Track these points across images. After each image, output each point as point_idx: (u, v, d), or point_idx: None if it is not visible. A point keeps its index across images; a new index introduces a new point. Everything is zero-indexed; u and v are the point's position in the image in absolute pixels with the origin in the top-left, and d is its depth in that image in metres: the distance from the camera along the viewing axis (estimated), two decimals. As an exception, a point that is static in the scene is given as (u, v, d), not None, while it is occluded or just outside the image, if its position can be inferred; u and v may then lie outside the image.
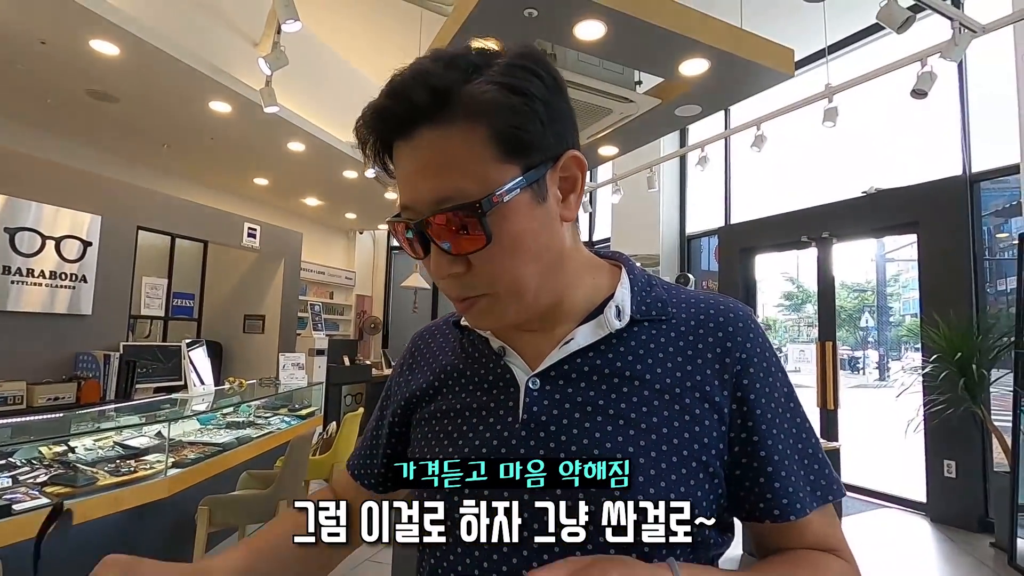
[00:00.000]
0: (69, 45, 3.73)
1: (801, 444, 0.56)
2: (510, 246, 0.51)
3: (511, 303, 0.54)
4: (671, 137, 6.47)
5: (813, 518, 0.55)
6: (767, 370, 0.57)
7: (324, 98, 5.66)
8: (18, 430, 2.84)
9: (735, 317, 0.58)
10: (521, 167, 0.50)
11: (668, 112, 3.65)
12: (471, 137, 0.49)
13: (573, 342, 0.57)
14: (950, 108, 4.49)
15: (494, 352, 0.60)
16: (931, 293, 4.36)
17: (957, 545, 3.76)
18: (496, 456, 0.55)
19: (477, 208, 0.49)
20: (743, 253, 5.98)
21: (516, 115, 0.49)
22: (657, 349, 0.56)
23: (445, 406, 0.61)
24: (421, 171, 0.50)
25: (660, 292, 0.61)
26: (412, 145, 0.50)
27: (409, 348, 0.71)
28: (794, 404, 0.58)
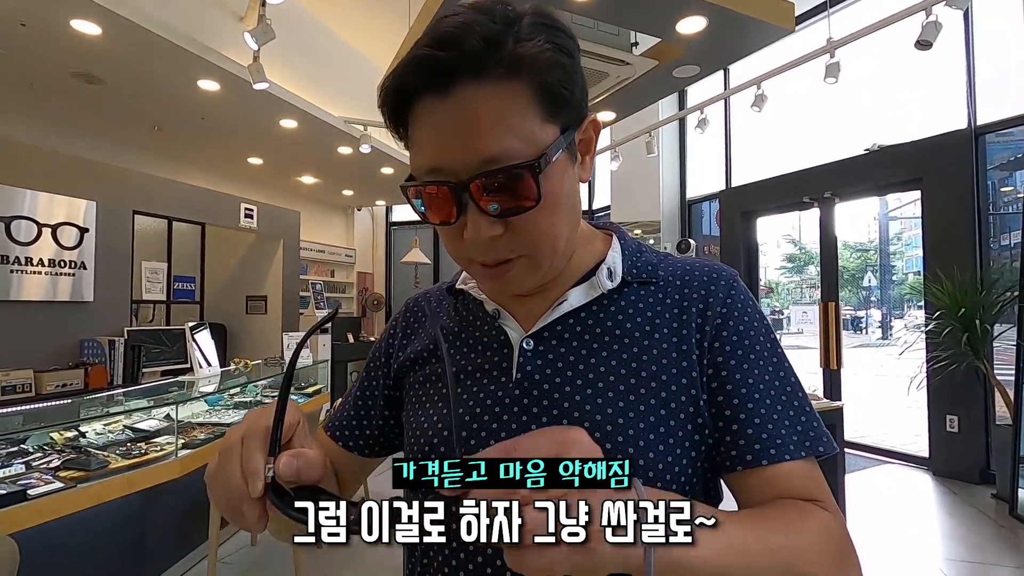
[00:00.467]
0: (50, 26, 3.64)
1: (785, 396, 0.55)
2: (552, 205, 0.51)
3: (546, 262, 0.54)
4: (669, 100, 6.35)
5: (793, 468, 0.52)
6: (747, 323, 0.57)
7: (314, 73, 5.55)
8: (29, 417, 2.87)
9: (718, 276, 0.59)
10: (560, 127, 0.50)
11: (666, 74, 3.57)
12: (518, 94, 0.48)
13: (566, 303, 0.58)
14: (955, 59, 4.38)
15: (488, 315, 0.61)
16: (935, 250, 4.33)
17: (959, 497, 3.83)
18: (490, 416, 0.56)
19: (535, 167, 0.48)
20: (744, 216, 5.93)
21: (565, 73, 0.49)
22: (646, 309, 0.58)
23: (440, 369, 0.61)
24: (464, 129, 0.47)
25: (650, 257, 0.62)
26: (451, 101, 0.47)
27: (402, 312, 0.71)
28: (777, 358, 0.57)
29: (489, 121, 0.47)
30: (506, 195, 0.48)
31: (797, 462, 0.52)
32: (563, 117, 0.50)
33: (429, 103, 0.48)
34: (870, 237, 18.75)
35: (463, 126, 0.47)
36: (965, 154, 4.20)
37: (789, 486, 0.51)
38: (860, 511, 3.52)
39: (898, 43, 3.94)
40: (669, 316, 0.57)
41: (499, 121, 0.47)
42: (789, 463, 0.52)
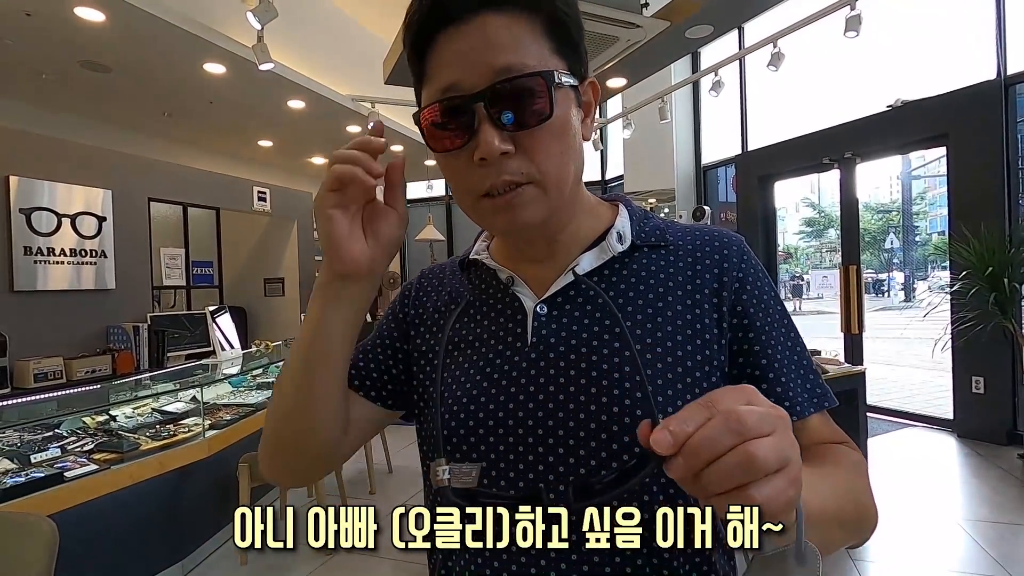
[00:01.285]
0: (54, 14, 3.63)
1: (796, 356, 0.59)
2: (561, 129, 0.53)
3: (553, 192, 0.55)
4: (682, 63, 6.16)
5: (815, 420, 0.58)
6: (761, 288, 0.60)
7: (320, 52, 5.48)
8: (62, 403, 2.97)
9: (729, 242, 0.61)
10: (567, 64, 0.54)
11: (678, 35, 3.45)
12: (533, 24, 0.52)
13: (578, 267, 0.59)
14: (984, 4, 4.17)
15: (501, 283, 0.62)
16: (961, 208, 4.20)
17: (985, 459, 3.78)
18: (508, 380, 0.57)
19: (550, 76, 0.51)
20: (762, 181, 5.79)
21: (569, 8, 0.54)
22: (658, 271, 0.59)
23: (456, 337, 0.62)
24: (481, 47, 0.51)
25: (657, 222, 0.64)
26: (472, 26, 0.51)
27: (417, 279, 0.72)
28: (788, 320, 0.61)
29: (505, 41, 0.51)
30: (521, 105, 0.51)
31: (816, 415, 0.58)
32: (569, 57, 0.54)
33: (450, 33, 0.52)
34: (892, 197, 18.28)
35: (481, 45, 0.51)
36: (994, 106, 4.03)
37: (818, 435, 0.58)
38: (884, 474, 3.51)
39: (923, -9, 3.76)
40: (682, 279, 0.59)
41: (516, 41, 0.51)
42: (810, 417, 0.57)
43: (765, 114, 6.05)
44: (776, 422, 0.35)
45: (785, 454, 0.34)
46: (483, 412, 0.56)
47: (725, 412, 0.33)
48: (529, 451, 0.55)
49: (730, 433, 0.33)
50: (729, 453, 0.33)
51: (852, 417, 2.97)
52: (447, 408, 0.59)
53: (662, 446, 0.34)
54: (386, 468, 4.03)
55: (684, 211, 6.53)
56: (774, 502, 0.34)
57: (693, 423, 0.34)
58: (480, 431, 0.56)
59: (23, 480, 2.04)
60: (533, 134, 0.52)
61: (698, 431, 0.33)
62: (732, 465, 0.33)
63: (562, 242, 0.61)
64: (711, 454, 0.33)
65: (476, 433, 0.56)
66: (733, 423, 0.33)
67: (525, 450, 0.55)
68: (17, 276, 3.55)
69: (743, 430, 0.33)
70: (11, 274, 3.53)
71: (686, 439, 0.33)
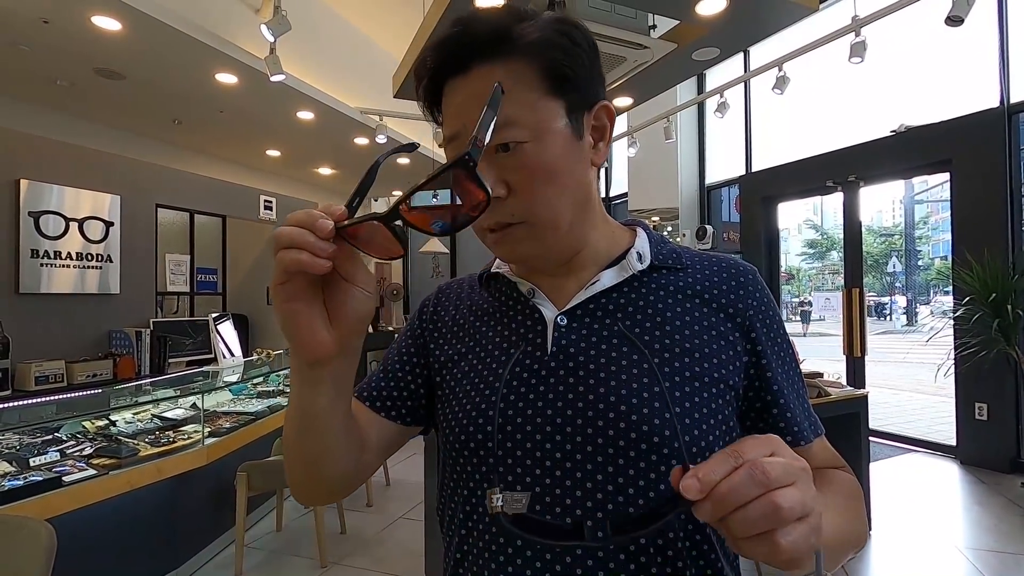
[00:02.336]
0: (71, 22, 3.69)
1: (797, 386, 0.63)
2: (549, 173, 0.55)
3: (546, 232, 0.58)
4: (688, 84, 6.24)
5: (816, 446, 0.62)
6: (773, 319, 0.63)
7: (330, 64, 5.55)
8: (62, 406, 2.96)
9: (744, 270, 0.64)
10: (564, 104, 0.56)
11: (685, 57, 3.49)
12: (523, 71, 0.55)
13: (599, 283, 0.61)
14: (987, 34, 4.22)
15: (522, 295, 0.64)
16: (964, 233, 4.21)
17: (988, 486, 3.75)
18: (526, 387, 0.58)
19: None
20: (765, 201, 5.82)
21: (564, 53, 0.56)
22: (676, 291, 0.62)
23: (477, 347, 0.64)
24: (473, 98, 0.54)
25: (673, 247, 0.67)
26: (467, 80, 0.56)
27: (435, 294, 0.73)
28: (792, 351, 0.65)
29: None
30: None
31: (816, 440, 0.63)
32: (567, 94, 0.56)
33: (452, 84, 0.57)
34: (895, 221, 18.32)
35: (473, 95, 0.55)
36: (997, 134, 4.06)
37: (820, 460, 0.62)
38: (886, 500, 3.47)
39: (927, 19, 3.81)
40: (699, 301, 0.61)
41: (507, 91, 0.52)
42: (813, 442, 0.62)
43: (770, 135, 6.10)
44: (799, 473, 0.38)
45: (807, 503, 0.37)
46: (502, 418, 0.57)
47: (751, 463, 0.36)
48: (546, 457, 0.56)
49: (755, 484, 0.36)
50: (755, 502, 0.36)
51: (854, 441, 2.94)
52: (465, 414, 0.60)
53: (691, 492, 0.36)
54: (384, 481, 4.01)
55: (688, 230, 6.55)
56: (798, 548, 0.36)
57: (721, 472, 0.36)
58: (499, 436, 0.57)
59: (21, 483, 2.03)
60: (520, 181, 0.55)
61: (725, 480, 0.36)
62: (758, 514, 0.36)
63: (581, 259, 0.63)
64: (737, 502, 0.36)
65: (495, 439, 0.57)
66: (759, 474, 0.36)
67: (542, 455, 0.56)
68: (22, 278, 3.56)
69: (768, 481, 0.36)
70: (17, 276, 3.54)
71: (713, 487, 0.36)
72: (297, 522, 3.37)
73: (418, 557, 2.72)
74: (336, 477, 0.60)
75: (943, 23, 3.17)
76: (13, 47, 4.01)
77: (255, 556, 2.95)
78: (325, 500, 0.66)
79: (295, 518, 3.41)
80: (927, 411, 6.24)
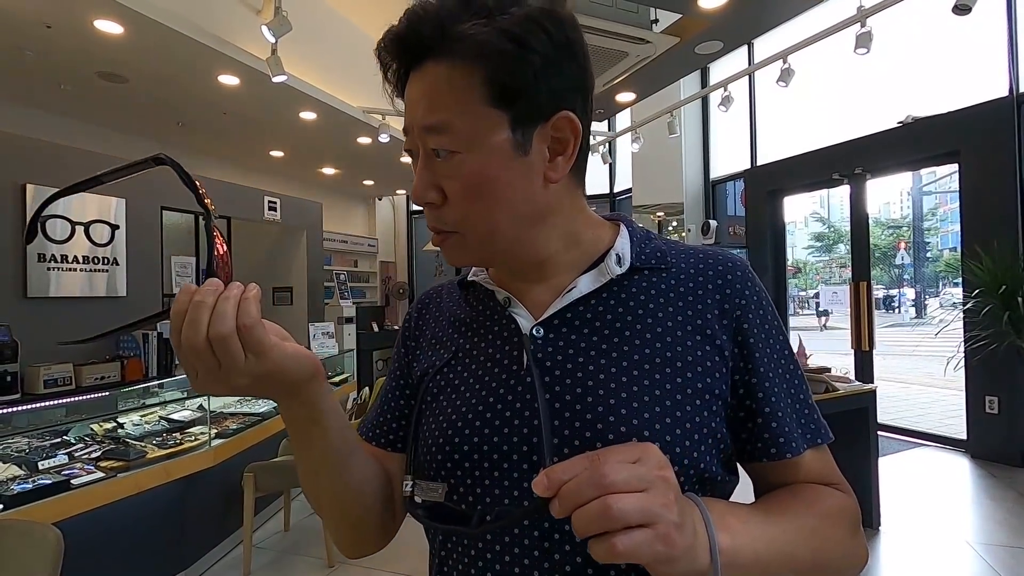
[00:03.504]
0: (74, 27, 3.70)
1: (794, 389, 0.58)
2: (481, 189, 0.53)
3: (479, 246, 0.56)
4: (691, 78, 6.18)
5: (807, 457, 0.57)
6: (764, 317, 0.59)
7: (332, 64, 5.55)
8: (71, 409, 2.98)
9: (733, 266, 0.60)
10: (508, 116, 0.52)
11: (688, 51, 3.48)
12: (467, 75, 0.51)
13: (575, 290, 0.58)
14: (996, 22, 4.16)
15: (499, 304, 0.62)
16: (973, 225, 4.16)
17: (999, 480, 3.71)
18: (503, 404, 0.56)
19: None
20: (771, 195, 5.78)
21: (506, 61, 0.50)
22: (658, 295, 0.58)
23: (453, 360, 0.62)
24: (419, 98, 0.53)
25: (659, 244, 0.62)
26: (420, 74, 0.53)
27: (415, 306, 0.72)
28: (788, 352, 0.60)
29: (437, 93, 0.52)
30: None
31: (810, 451, 0.57)
32: (512, 106, 0.52)
33: (411, 77, 0.54)
34: (903, 213, 18.17)
35: (420, 95, 0.53)
36: (1007, 124, 4.01)
37: (807, 473, 0.57)
38: (895, 495, 3.45)
39: (934, 8, 3.76)
40: (683, 303, 0.57)
41: (445, 95, 0.51)
42: (805, 454, 0.57)
43: (775, 129, 6.05)
44: (653, 481, 0.39)
45: (652, 511, 0.38)
46: (475, 435, 0.55)
47: (595, 467, 0.38)
48: (516, 474, 0.54)
49: (593, 486, 0.37)
50: (591, 503, 0.37)
51: (863, 436, 2.92)
52: (438, 427, 0.58)
53: (539, 488, 0.38)
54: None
55: (693, 225, 6.52)
56: (636, 554, 0.37)
57: (571, 472, 0.38)
58: (472, 454, 0.55)
59: (30, 487, 2.04)
60: (454, 191, 0.54)
61: (570, 481, 0.38)
62: (592, 515, 0.37)
63: (555, 264, 0.59)
64: (574, 503, 0.37)
65: (465, 455, 0.55)
66: (597, 476, 0.37)
67: (513, 473, 0.54)
68: (30, 283, 3.59)
69: (604, 484, 0.37)
70: (25, 281, 3.57)
71: (560, 486, 0.38)
72: (305, 522, 3.38)
73: (425, 555, 2.72)
74: (373, 516, 0.62)
75: (950, 12, 3.13)
76: (17, 52, 4.03)
77: (263, 556, 2.97)
78: (374, 543, 0.65)
79: (302, 518, 3.43)
80: (937, 405, 6.19)
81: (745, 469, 0.60)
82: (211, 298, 0.45)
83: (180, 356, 0.46)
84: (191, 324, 0.44)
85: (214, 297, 0.45)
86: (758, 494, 0.60)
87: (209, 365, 0.45)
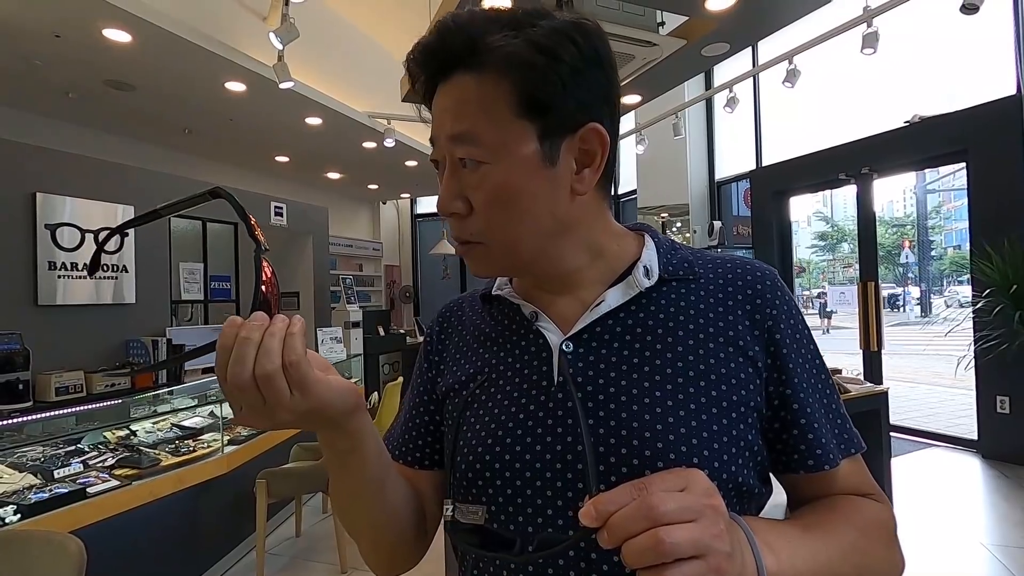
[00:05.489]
0: (83, 36, 3.72)
1: (826, 399, 0.58)
2: (507, 200, 0.53)
3: (504, 257, 0.56)
4: (696, 79, 6.19)
5: (843, 467, 0.56)
6: (795, 327, 0.58)
7: (337, 69, 5.57)
8: (83, 417, 2.99)
9: (762, 276, 0.59)
10: (536, 127, 0.52)
11: (694, 52, 3.47)
12: (497, 87, 0.51)
13: (604, 304, 0.57)
14: (1002, 21, 4.15)
15: (525, 318, 0.61)
16: (982, 224, 4.15)
17: (1012, 480, 3.69)
18: (535, 421, 0.55)
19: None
20: (776, 196, 5.77)
21: (535, 72, 0.50)
22: (688, 307, 0.57)
23: (480, 376, 0.61)
24: (448, 108, 0.53)
25: (685, 253, 0.61)
26: (448, 85, 0.54)
27: (436, 320, 0.71)
28: (820, 361, 0.59)
29: (466, 103, 0.52)
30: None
31: (845, 461, 0.57)
32: (540, 117, 0.52)
33: (440, 88, 0.55)
34: (907, 211, 18.12)
35: (449, 104, 0.53)
36: (1014, 122, 3.99)
37: (843, 484, 0.57)
38: (908, 496, 3.43)
39: (940, 7, 3.75)
40: (713, 315, 0.56)
41: (474, 105, 0.52)
42: (840, 465, 0.56)
43: (780, 129, 6.04)
44: (703, 511, 0.38)
45: (703, 543, 0.37)
46: (509, 454, 0.55)
47: (644, 496, 0.37)
48: (558, 495, 0.53)
49: (642, 518, 0.36)
50: (641, 535, 0.36)
51: (875, 437, 2.91)
52: (471, 449, 0.57)
53: (586, 519, 0.38)
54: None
55: (698, 227, 6.52)
56: None
57: (619, 502, 0.37)
58: (507, 473, 0.54)
59: (47, 496, 2.05)
60: (480, 201, 0.53)
61: (617, 512, 0.37)
62: (643, 547, 0.36)
63: (581, 277, 0.59)
64: (624, 534, 0.36)
65: (502, 475, 0.55)
66: (646, 508, 0.36)
67: (554, 495, 0.53)
68: (41, 291, 3.60)
69: (654, 516, 0.36)
70: (35, 289, 3.58)
71: (608, 517, 0.37)
72: (317, 527, 3.39)
73: (438, 562, 2.71)
74: (407, 537, 0.62)
75: (958, 11, 3.13)
76: (25, 61, 4.05)
77: (276, 562, 2.97)
78: (409, 562, 0.65)
79: (314, 523, 3.43)
80: (946, 404, 6.16)
81: (779, 480, 0.59)
82: (257, 334, 0.44)
83: (225, 391, 0.45)
84: (237, 361, 0.44)
85: (260, 333, 0.44)
86: (792, 503, 0.60)
87: (254, 402, 0.44)
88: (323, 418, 0.49)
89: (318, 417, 0.49)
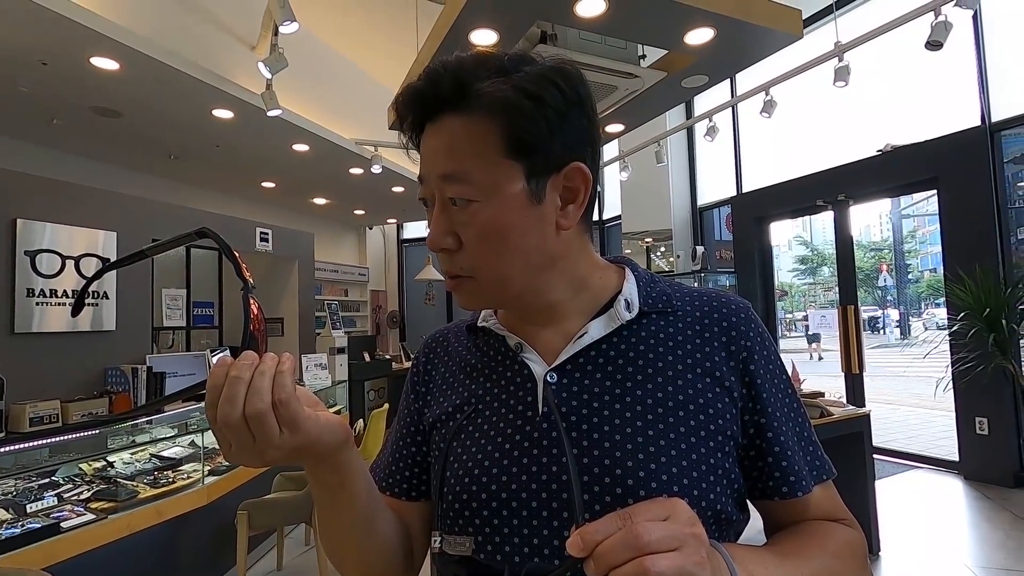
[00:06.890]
0: (70, 63, 3.73)
1: (799, 427, 0.61)
2: (496, 236, 0.55)
3: (492, 291, 0.58)
4: (677, 109, 6.36)
5: (815, 493, 0.59)
6: (768, 358, 0.61)
7: (325, 96, 5.63)
8: (57, 448, 2.90)
9: (737, 308, 0.62)
10: (523, 167, 0.54)
11: (674, 84, 3.58)
12: (485, 129, 0.53)
13: (587, 335, 0.59)
14: (966, 57, 4.35)
15: (510, 349, 0.62)
16: (954, 249, 4.28)
17: (994, 502, 3.73)
18: (520, 451, 0.56)
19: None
20: (757, 221, 5.90)
21: (523, 116, 0.53)
22: (667, 338, 0.59)
23: (467, 407, 0.62)
24: (438, 148, 0.55)
25: (664, 287, 0.64)
26: (437, 127, 0.55)
27: (422, 350, 0.72)
28: (791, 391, 0.62)
29: (456, 145, 0.54)
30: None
31: (817, 488, 0.60)
32: (527, 158, 0.54)
33: (427, 127, 0.57)
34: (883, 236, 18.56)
35: (438, 145, 0.55)
36: (981, 151, 4.16)
37: (816, 509, 0.60)
38: (893, 518, 3.45)
39: (907, 42, 3.93)
40: (691, 346, 0.59)
41: (464, 146, 0.54)
42: (813, 491, 0.59)
43: (759, 157, 6.21)
44: (686, 539, 0.39)
45: (686, 570, 0.38)
46: (495, 484, 0.56)
47: (629, 526, 0.38)
48: (544, 524, 0.54)
49: (627, 548, 0.37)
50: (627, 564, 0.37)
51: (858, 460, 2.94)
52: (458, 480, 0.58)
53: (573, 549, 0.38)
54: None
55: (682, 252, 6.61)
56: None
57: (604, 532, 0.38)
58: (493, 503, 0.55)
59: (19, 531, 1.98)
60: (469, 238, 0.55)
61: (603, 541, 0.37)
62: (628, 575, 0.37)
63: (567, 309, 0.61)
64: (611, 564, 0.37)
65: (488, 505, 0.56)
66: (631, 538, 0.37)
67: (539, 524, 0.54)
68: (18, 318, 3.53)
69: (639, 545, 0.37)
70: (12, 316, 3.51)
71: (595, 546, 0.38)
72: (299, 560, 3.30)
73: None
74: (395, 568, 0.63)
75: (923, 47, 3.28)
76: (10, 87, 4.04)
77: (256, 597, 2.88)
78: None
79: (297, 556, 3.34)
80: (928, 426, 6.24)
81: (755, 505, 0.62)
82: (247, 373, 0.46)
83: (214, 430, 0.46)
84: (227, 401, 0.45)
85: (250, 372, 0.46)
86: (768, 528, 0.62)
87: (244, 440, 0.45)
88: (312, 454, 0.50)
89: (307, 453, 0.50)
